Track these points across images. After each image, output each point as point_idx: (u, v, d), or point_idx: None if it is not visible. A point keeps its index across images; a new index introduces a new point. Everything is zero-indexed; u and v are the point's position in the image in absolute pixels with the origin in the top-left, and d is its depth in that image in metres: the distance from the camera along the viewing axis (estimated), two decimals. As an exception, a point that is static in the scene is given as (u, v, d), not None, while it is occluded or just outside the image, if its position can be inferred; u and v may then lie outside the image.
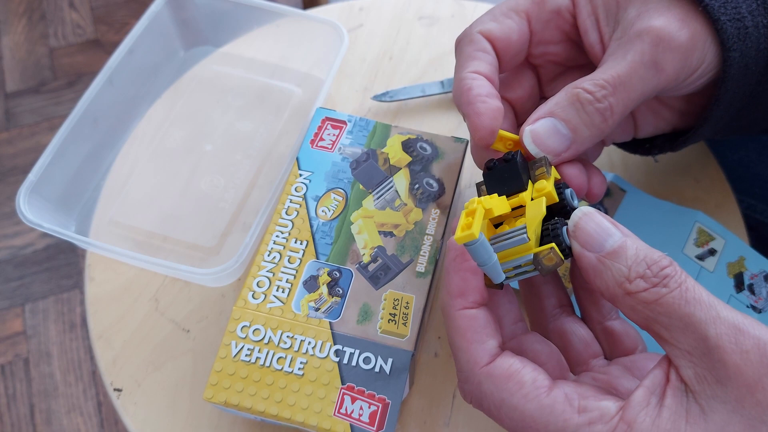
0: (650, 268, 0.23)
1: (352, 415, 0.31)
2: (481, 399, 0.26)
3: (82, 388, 1.02)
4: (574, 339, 0.29)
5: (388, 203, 0.37)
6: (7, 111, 1.30)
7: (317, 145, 0.39)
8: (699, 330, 0.22)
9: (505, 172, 0.28)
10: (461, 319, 0.26)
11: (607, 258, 0.24)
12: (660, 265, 0.23)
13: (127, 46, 0.46)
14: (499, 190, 0.29)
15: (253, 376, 0.32)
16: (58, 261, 1.14)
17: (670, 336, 0.23)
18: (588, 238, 0.25)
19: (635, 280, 0.23)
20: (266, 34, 0.51)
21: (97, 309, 0.41)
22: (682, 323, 0.22)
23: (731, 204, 0.44)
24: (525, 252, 0.26)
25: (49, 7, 1.45)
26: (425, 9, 0.55)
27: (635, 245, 0.24)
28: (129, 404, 0.38)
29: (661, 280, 0.23)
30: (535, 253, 0.26)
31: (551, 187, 0.28)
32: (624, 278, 0.24)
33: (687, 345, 0.22)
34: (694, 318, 0.22)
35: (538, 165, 0.29)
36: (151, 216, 0.44)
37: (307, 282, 0.35)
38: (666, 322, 0.23)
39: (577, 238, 0.25)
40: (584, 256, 0.25)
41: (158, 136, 0.47)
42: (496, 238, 0.27)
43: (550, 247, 0.26)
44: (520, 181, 0.28)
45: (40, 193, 0.40)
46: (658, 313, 0.23)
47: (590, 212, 0.26)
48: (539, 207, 0.27)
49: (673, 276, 0.23)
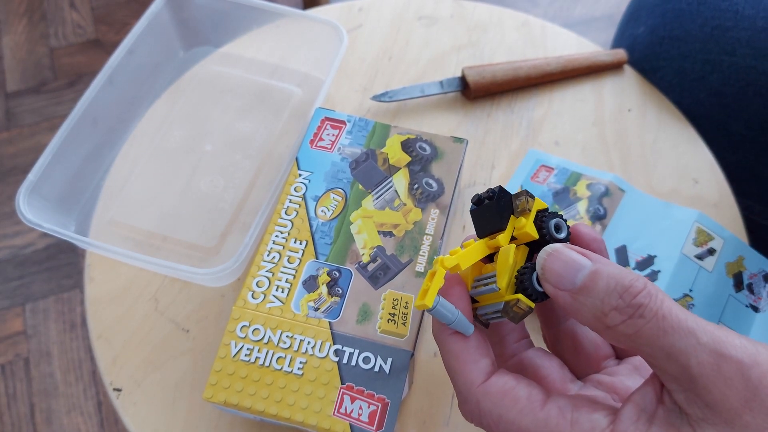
0: (623, 298, 0.23)
1: (351, 415, 0.31)
2: (480, 417, 0.26)
3: (82, 388, 1.02)
4: (585, 341, 0.30)
5: (388, 203, 0.37)
6: (8, 111, 1.30)
7: (317, 145, 0.39)
8: (680, 360, 0.22)
9: (487, 210, 0.28)
10: (453, 343, 0.27)
11: (579, 295, 0.24)
12: (632, 292, 0.23)
13: (127, 46, 0.46)
14: (482, 227, 0.28)
15: (252, 375, 0.32)
16: (58, 261, 1.14)
17: (656, 363, 0.23)
18: (558, 278, 0.25)
19: (610, 313, 0.23)
20: (266, 34, 0.51)
21: (97, 309, 0.41)
22: (663, 353, 0.22)
23: (730, 204, 0.44)
24: (497, 299, 0.27)
25: (50, 7, 1.45)
26: (425, 9, 0.55)
27: (606, 272, 0.24)
28: (129, 404, 0.38)
29: (635, 310, 0.23)
30: (506, 302, 0.26)
31: (529, 227, 0.27)
32: (600, 313, 0.24)
33: (672, 372, 0.23)
34: (674, 348, 0.22)
35: (519, 199, 0.27)
36: (151, 216, 0.44)
37: (306, 282, 0.35)
38: (649, 351, 0.23)
39: (548, 280, 0.25)
40: (558, 296, 0.25)
41: (158, 136, 0.48)
42: (478, 281, 0.28)
43: (517, 299, 0.26)
44: (499, 220, 0.27)
45: (40, 193, 0.40)
46: (640, 344, 0.23)
47: (556, 250, 0.25)
48: (507, 256, 0.27)
49: (647, 305, 0.23)
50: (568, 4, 1.45)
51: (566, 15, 1.43)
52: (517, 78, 0.49)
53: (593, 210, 0.42)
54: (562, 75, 0.50)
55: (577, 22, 1.42)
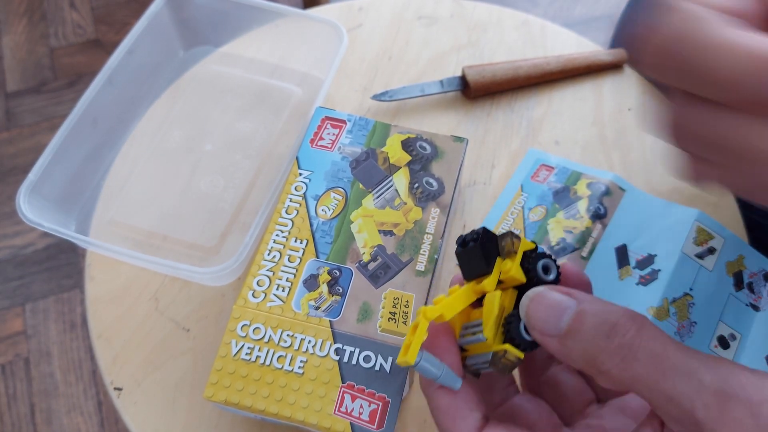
0: (610, 337, 0.22)
1: (352, 414, 0.31)
2: None
3: (82, 388, 1.02)
4: (566, 388, 0.29)
5: (388, 202, 0.37)
6: (8, 111, 1.30)
7: (317, 145, 0.39)
8: (684, 405, 0.21)
9: (472, 252, 0.26)
10: (441, 398, 0.26)
11: (566, 339, 0.23)
12: (619, 330, 0.22)
13: (127, 46, 0.46)
14: (469, 270, 0.27)
15: (253, 374, 0.32)
16: (58, 261, 1.14)
17: (657, 406, 0.22)
18: (543, 324, 0.24)
19: (601, 356, 0.22)
20: (266, 34, 0.51)
21: (97, 308, 0.41)
22: (664, 397, 0.21)
23: (730, 203, 0.44)
24: (486, 349, 0.26)
25: (50, 7, 1.45)
26: (424, 9, 0.55)
27: (591, 312, 0.23)
28: (129, 403, 0.38)
29: (627, 351, 0.22)
30: (494, 353, 0.25)
31: (515, 270, 0.25)
32: (590, 357, 0.22)
33: (675, 415, 0.21)
34: (675, 391, 0.21)
35: (504, 240, 0.26)
36: (151, 215, 0.44)
37: (307, 281, 0.35)
38: (648, 396, 0.22)
39: (533, 327, 0.24)
40: (547, 342, 0.24)
41: (158, 135, 0.48)
42: (466, 329, 0.27)
43: (504, 350, 0.25)
44: (483, 264, 0.26)
45: (40, 193, 0.40)
46: (639, 389, 0.22)
47: (537, 294, 0.24)
48: (492, 304, 0.25)
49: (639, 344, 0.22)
50: (568, 3, 1.45)
51: (566, 15, 1.43)
52: (517, 77, 0.49)
53: (593, 209, 0.42)
54: (562, 74, 0.50)
55: (577, 21, 1.42)
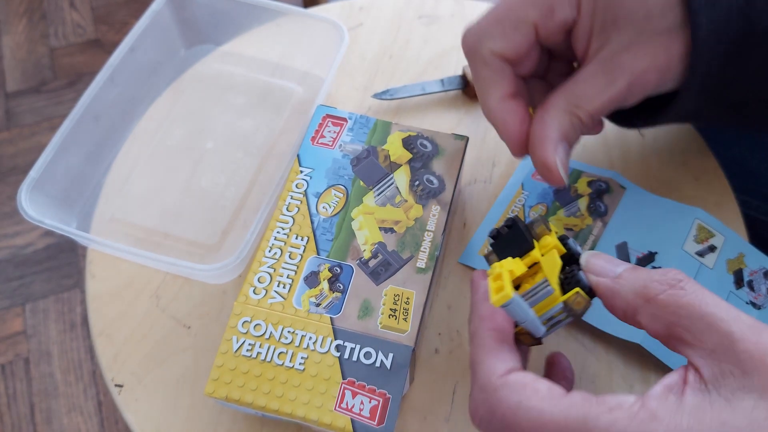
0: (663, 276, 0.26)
1: (352, 410, 0.31)
2: (495, 407, 0.26)
3: (82, 388, 1.02)
4: None
5: (389, 200, 0.37)
6: (8, 111, 1.30)
7: (318, 142, 0.40)
8: (722, 328, 0.24)
9: (510, 237, 0.31)
10: (489, 339, 0.28)
11: (620, 278, 0.27)
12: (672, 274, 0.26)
13: (128, 45, 0.46)
14: (509, 254, 0.31)
15: (254, 371, 0.32)
16: (58, 261, 1.14)
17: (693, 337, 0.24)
18: (601, 269, 0.28)
19: (653, 284, 0.26)
20: (267, 32, 0.52)
21: (98, 306, 0.41)
22: (704, 323, 0.24)
23: (731, 201, 0.44)
24: (554, 303, 0.28)
25: (50, 7, 1.45)
26: (425, 8, 0.55)
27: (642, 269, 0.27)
28: (130, 400, 0.38)
29: (677, 283, 0.25)
30: (564, 301, 0.28)
31: (556, 240, 0.30)
32: (642, 287, 0.26)
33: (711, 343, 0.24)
34: (715, 317, 0.24)
35: (537, 224, 0.31)
36: (153, 213, 0.44)
37: (308, 278, 0.35)
38: (688, 324, 0.24)
39: (591, 272, 0.29)
40: (600, 282, 0.28)
41: (159, 133, 0.48)
42: (529, 295, 0.29)
43: (576, 292, 0.28)
44: (527, 242, 0.30)
45: (41, 190, 0.40)
46: (680, 316, 0.25)
47: (597, 253, 0.29)
48: (554, 259, 0.29)
49: (688, 281, 0.25)
50: (568, 4, 1.45)
51: (566, 15, 1.43)
52: (517, 76, 0.49)
53: (594, 207, 0.42)
54: (562, 73, 0.50)
55: (576, 22, 1.42)
